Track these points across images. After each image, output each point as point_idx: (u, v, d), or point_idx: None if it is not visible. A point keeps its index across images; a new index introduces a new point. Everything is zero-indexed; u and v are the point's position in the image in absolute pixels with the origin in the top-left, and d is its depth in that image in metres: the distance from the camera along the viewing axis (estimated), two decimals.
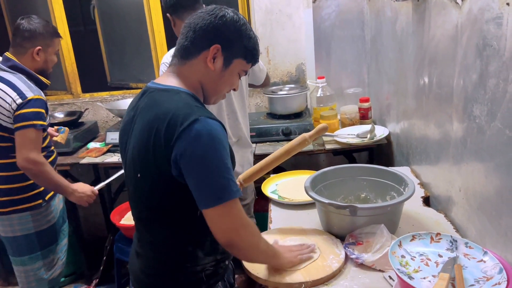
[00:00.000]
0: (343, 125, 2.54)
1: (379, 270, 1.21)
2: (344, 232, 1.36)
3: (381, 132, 2.32)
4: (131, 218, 2.12)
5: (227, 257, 1.23)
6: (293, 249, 1.28)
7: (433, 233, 1.17)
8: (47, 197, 1.97)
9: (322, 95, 2.57)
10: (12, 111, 1.77)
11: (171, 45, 1.21)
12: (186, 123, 1.00)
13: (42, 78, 1.95)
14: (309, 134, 1.52)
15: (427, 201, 1.65)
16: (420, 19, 1.66)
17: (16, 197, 1.90)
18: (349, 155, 2.60)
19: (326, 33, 2.80)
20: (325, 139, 2.44)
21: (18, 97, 1.77)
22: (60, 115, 3.00)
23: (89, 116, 3.20)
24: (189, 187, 1.04)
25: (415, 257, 1.11)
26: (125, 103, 2.95)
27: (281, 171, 2.04)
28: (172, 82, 1.14)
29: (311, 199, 1.40)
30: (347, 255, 1.28)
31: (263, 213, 1.95)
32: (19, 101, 1.77)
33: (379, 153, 2.54)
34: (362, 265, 1.24)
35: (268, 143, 2.57)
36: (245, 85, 2.22)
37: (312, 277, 1.19)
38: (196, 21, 1.11)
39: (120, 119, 3.00)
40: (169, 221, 1.14)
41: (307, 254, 1.28)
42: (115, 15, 3.38)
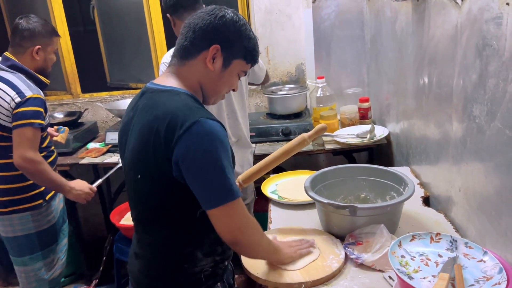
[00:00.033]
0: (343, 125, 2.54)
1: (379, 270, 1.21)
2: (344, 232, 1.36)
3: (380, 132, 2.32)
4: (130, 218, 2.12)
5: (226, 258, 1.23)
6: (292, 245, 1.30)
7: (433, 233, 1.17)
8: (47, 197, 1.97)
9: (321, 95, 2.57)
10: (11, 110, 1.77)
11: (171, 45, 1.20)
12: (186, 124, 1.00)
13: (41, 77, 1.95)
14: (308, 134, 1.52)
15: (427, 201, 1.65)
16: (419, 19, 1.65)
17: (16, 197, 1.89)
18: (349, 155, 2.60)
19: (325, 33, 2.80)
20: (325, 139, 2.44)
21: (17, 95, 1.77)
22: (59, 116, 2.99)
23: (89, 116, 3.20)
24: (191, 188, 1.04)
25: (415, 257, 1.11)
26: (125, 103, 2.94)
27: (281, 171, 2.04)
28: (171, 82, 1.13)
29: (311, 199, 1.40)
30: (347, 255, 1.28)
31: (263, 213, 1.95)
32: (18, 100, 1.76)
33: (379, 153, 2.54)
34: (362, 265, 1.24)
35: (267, 143, 2.57)
36: (245, 85, 2.22)
37: (312, 277, 1.19)
38: (195, 21, 1.11)
39: (119, 119, 2.99)
40: (169, 221, 1.14)
41: (306, 249, 1.29)
42: (114, 15, 3.37)
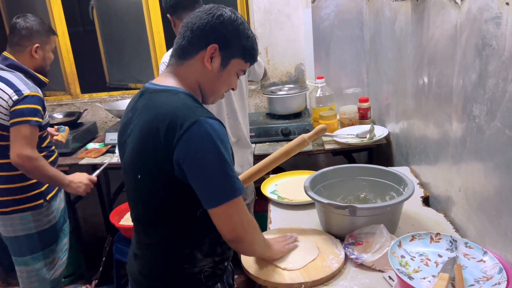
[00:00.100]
0: (343, 125, 2.54)
1: (379, 270, 1.21)
2: (343, 232, 1.36)
3: (380, 132, 2.32)
4: (130, 218, 2.12)
5: (225, 259, 1.23)
6: (279, 240, 1.32)
7: (432, 233, 1.17)
8: (48, 197, 1.97)
9: (321, 95, 2.57)
10: (9, 108, 1.77)
11: (170, 45, 1.20)
12: (186, 124, 1.00)
13: (40, 76, 1.95)
14: (308, 135, 1.52)
15: (426, 201, 1.65)
16: (419, 19, 1.65)
17: (17, 196, 1.89)
18: (349, 155, 2.60)
19: (325, 33, 2.80)
20: (325, 139, 2.44)
21: (14, 93, 1.77)
22: (59, 116, 2.99)
23: (88, 116, 3.20)
24: (193, 187, 1.04)
25: (414, 257, 1.11)
26: (124, 103, 2.94)
27: (281, 171, 2.04)
28: (170, 82, 1.13)
29: (311, 199, 1.40)
30: (346, 255, 1.28)
31: (262, 213, 1.94)
32: (15, 98, 1.76)
33: (379, 153, 2.54)
34: (361, 265, 1.24)
35: (267, 143, 2.57)
36: (245, 84, 2.22)
37: (311, 277, 1.19)
38: (193, 21, 1.11)
39: (119, 119, 2.99)
40: (169, 221, 1.13)
41: (292, 243, 1.33)
42: (114, 15, 3.37)
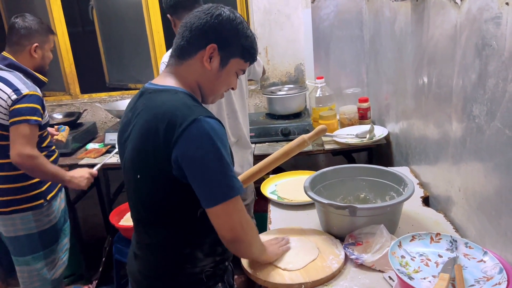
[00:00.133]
0: (342, 125, 2.54)
1: (379, 270, 1.21)
2: (343, 232, 1.35)
3: (380, 132, 2.32)
4: (130, 219, 2.11)
5: (226, 258, 1.23)
6: (272, 243, 1.31)
7: (432, 233, 1.17)
8: (48, 197, 1.97)
9: (321, 95, 2.57)
10: (8, 108, 1.77)
11: (170, 45, 1.20)
12: (185, 123, 1.00)
13: (39, 75, 1.96)
14: (308, 135, 1.52)
15: (426, 201, 1.65)
16: (419, 19, 1.65)
17: (17, 196, 1.89)
18: (348, 155, 2.60)
19: (325, 33, 2.80)
20: (324, 139, 2.44)
21: (13, 93, 1.77)
22: (58, 116, 2.99)
23: (88, 117, 3.20)
24: (192, 186, 1.04)
25: (415, 258, 1.11)
26: (124, 103, 2.94)
27: (281, 171, 2.04)
28: (169, 82, 1.13)
29: (311, 200, 1.40)
30: (346, 256, 1.27)
31: (262, 214, 1.94)
32: (14, 97, 1.76)
33: (378, 153, 2.54)
34: (362, 266, 1.24)
35: (267, 143, 2.57)
36: (245, 84, 2.22)
37: (311, 277, 1.19)
38: (192, 21, 1.11)
39: (118, 119, 2.99)
40: (169, 221, 1.13)
41: (285, 245, 1.32)
42: (113, 15, 3.37)
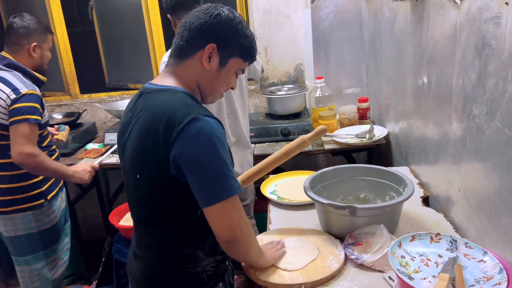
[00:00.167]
0: (342, 125, 2.54)
1: (379, 270, 1.21)
2: (343, 232, 1.35)
3: (380, 132, 2.32)
4: (130, 219, 2.11)
5: (226, 258, 1.23)
6: (268, 247, 1.30)
7: (432, 233, 1.17)
8: (49, 197, 1.97)
9: (320, 95, 2.57)
10: (7, 107, 1.77)
11: (170, 45, 1.20)
12: (184, 122, 1.00)
13: (38, 75, 1.96)
14: (308, 136, 1.52)
15: (426, 201, 1.65)
16: (418, 19, 1.65)
17: (18, 196, 1.89)
18: (348, 155, 2.60)
19: (324, 33, 2.80)
20: (324, 139, 2.44)
21: (12, 92, 1.77)
22: (58, 116, 2.99)
23: (88, 117, 3.19)
24: (189, 185, 1.04)
25: (415, 258, 1.11)
26: (124, 104, 2.94)
27: (280, 171, 2.04)
28: (169, 82, 1.13)
29: (311, 200, 1.40)
30: (346, 256, 1.27)
31: (262, 214, 1.94)
32: (13, 97, 1.77)
33: (378, 153, 2.54)
34: (361, 266, 1.24)
35: (267, 143, 2.57)
36: (245, 83, 2.22)
37: (311, 278, 1.19)
38: (191, 20, 1.11)
39: (118, 120, 2.99)
40: (169, 221, 1.13)
41: (281, 249, 1.31)
42: (113, 16, 3.37)
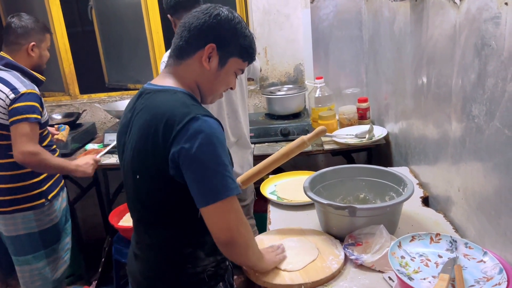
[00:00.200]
0: (342, 125, 2.54)
1: (379, 271, 1.21)
2: (343, 232, 1.35)
3: (379, 132, 2.32)
4: (129, 219, 2.10)
5: (227, 258, 1.23)
6: (269, 251, 1.29)
7: (432, 234, 1.17)
8: (49, 197, 1.97)
9: (320, 95, 2.57)
10: (6, 107, 1.77)
11: (169, 46, 1.20)
12: (183, 121, 1.00)
13: (37, 74, 1.96)
14: (308, 136, 1.51)
15: (426, 201, 1.65)
16: (418, 19, 1.65)
17: (18, 196, 1.89)
18: (348, 156, 2.60)
19: (324, 33, 2.80)
20: (324, 139, 2.43)
21: (11, 92, 1.77)
22: (58, 117, 2.99)
23: (87, 117, 3.19)
24: (188, 185, 1.04)
25: (414, 258, 1.11)
26: (123, 104, 2.94)
27: (280, 172, 2.04)
28: (168, 82, 1.13)
29: (310, 200, 1.40)
30: (346, 256, 1.27)
31: (262, 214, 1.94)
32: (12, 96, 1.77)
33: (378, 153, 2.54)
34: (361, 266, 1.24)
35: (266, 143, 2.57)
36: (245, 83, 2.22)
37: (311, 278, 1.19)
38: (190, 21, 1.11)
39: (118, 120, 2.99)
40: (169, 222, 1.13)
41: (282, 253, 1.29)
42: (112, 16, 3.37)
